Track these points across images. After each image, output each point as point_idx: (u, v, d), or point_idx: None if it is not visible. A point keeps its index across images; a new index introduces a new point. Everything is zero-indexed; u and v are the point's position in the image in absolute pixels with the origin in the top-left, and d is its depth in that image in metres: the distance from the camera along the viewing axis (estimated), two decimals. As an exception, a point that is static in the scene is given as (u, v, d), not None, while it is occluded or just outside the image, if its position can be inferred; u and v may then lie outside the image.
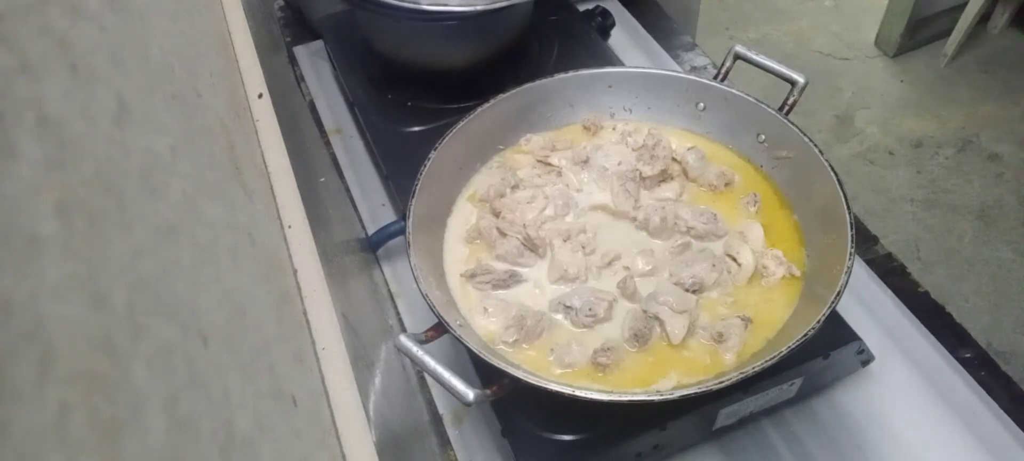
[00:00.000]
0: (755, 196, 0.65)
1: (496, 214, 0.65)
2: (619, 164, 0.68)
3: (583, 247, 0.62)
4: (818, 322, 0.49)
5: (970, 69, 2.31)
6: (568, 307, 0.57)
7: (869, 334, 0.60)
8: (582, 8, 0.96)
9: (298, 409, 0.33)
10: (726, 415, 0.57)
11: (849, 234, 0.54)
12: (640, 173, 0.67)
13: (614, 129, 0.72)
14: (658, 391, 0.48)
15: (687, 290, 0.57)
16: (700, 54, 0.99)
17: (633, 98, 0.72)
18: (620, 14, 1.02)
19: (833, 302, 0.50)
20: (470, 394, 0.47)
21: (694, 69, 0.97)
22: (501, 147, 0.70)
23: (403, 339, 0.50)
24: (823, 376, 0.61)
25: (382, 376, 0.53)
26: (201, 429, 0.24)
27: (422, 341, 0.51)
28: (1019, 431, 0.60)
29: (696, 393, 0.48)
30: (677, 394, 0.48)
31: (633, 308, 0.57)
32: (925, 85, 2.29)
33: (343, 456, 0.36)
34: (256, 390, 0.30)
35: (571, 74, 0.70)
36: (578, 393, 0.47)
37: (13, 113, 0.19)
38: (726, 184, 0.66)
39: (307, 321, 0.42)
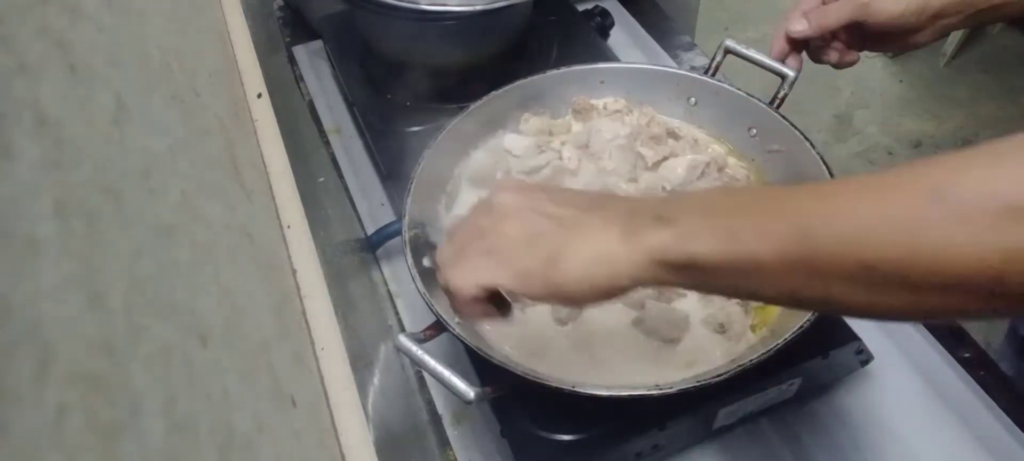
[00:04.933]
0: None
1: None
2: (616, 137, 0.68)
3: None
4: (814, 313, 0.49)
5: (969, 69, 2.31)
6: None
7: (868, 334, 0.59)
8: (581, 8, 0.96)
9: (297, 409, 0.33)
10: (725, 415, 0.57)
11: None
12: (641, 156, 0.67)
13: (604, 108, 0.72)
14: (657, 385, 0.48)
15: None
16: (699, 54, 0.99)
17: (625, 93, 0.72)
18: (619, 14, 1.02)
19: None
20: (471, 393, 0.47)
21: (694, 69, 0.96)
22: (495, 143, 0.70)
23: (402, 339, 0.50)
24: (822, 376, 0.61)
25: (381, 376, 0.53)
26: (200, 430, 0.24)
27: (421, 340, 0.51)
28: (1018, 430, 0.60)
29: (695, 386, 0.48)
30: (676, 388, 0.48)
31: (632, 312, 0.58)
32: (924, 85, 2.29)
33: (342, 456, 0.36)
34: (255, 391, 0.30)
35: (564, 70, 0.70)
36: (577, 389, 0.47)
37: (11, 113, 0.19)
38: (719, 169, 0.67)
39: (306, 321, 0.42)
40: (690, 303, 0.58)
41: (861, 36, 0.64)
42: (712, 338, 0.56)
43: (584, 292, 0.40)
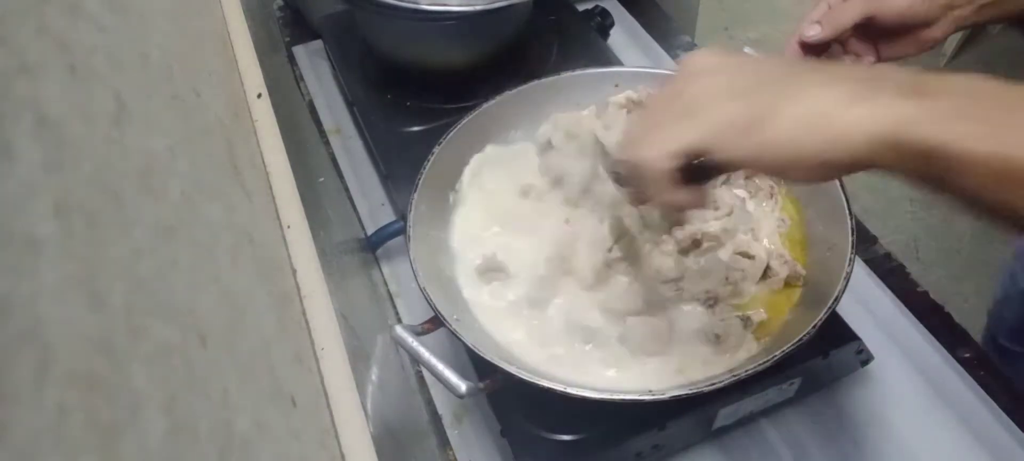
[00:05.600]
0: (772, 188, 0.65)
1: None
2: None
3: None
4: (814, 327, 0.49)
5: (970, 69, 2.29)
6: None
7: (868, 334, 0.60)
8: (581, 8, 0.96)
9: (297, 409, 0.33)
10: (725, 415, 0.57)
11: (850, 239, 0.54)
12: None
13: (615, 88, 0.69)
14: (650, 391, 0.48)
15: (703, 304, 0.58)
16: (699, 54, 0.99)
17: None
18: (619, 14, 1.02)
19: (830, 306, 0.50)
20: (462, 386, 0.47)
21: (693, 69, 0.97)
22: (500, 144, 0.70)
23: (399, 329, 0.50)
24: (822, 376, 0.61)
25: (381, 376, 0.53)
26: (200, 430, 0.24)
27: (419, 333, 0.51)
28: (1018, 430, 0.60)
29: (689, 394, 0.48)
30: (669, 395, 0.48)
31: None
32: (924, 85, 2.29)
33: (342, 456, 0.36)
34: (255, 391, 0.30)
35: (578, 72, 0.70)
36: (569, 390, 0.47)
37: (12, 114, 0.19)
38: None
39: (306, 321, 0.42)
40: (684, 313, 0.58)
41: (873, 37, 0.64)
42: (704, 350, 0.55)
43: (789, 159, 0.34)
